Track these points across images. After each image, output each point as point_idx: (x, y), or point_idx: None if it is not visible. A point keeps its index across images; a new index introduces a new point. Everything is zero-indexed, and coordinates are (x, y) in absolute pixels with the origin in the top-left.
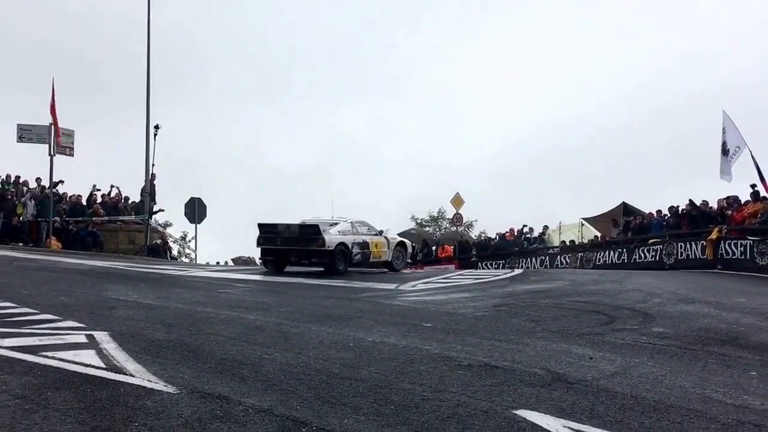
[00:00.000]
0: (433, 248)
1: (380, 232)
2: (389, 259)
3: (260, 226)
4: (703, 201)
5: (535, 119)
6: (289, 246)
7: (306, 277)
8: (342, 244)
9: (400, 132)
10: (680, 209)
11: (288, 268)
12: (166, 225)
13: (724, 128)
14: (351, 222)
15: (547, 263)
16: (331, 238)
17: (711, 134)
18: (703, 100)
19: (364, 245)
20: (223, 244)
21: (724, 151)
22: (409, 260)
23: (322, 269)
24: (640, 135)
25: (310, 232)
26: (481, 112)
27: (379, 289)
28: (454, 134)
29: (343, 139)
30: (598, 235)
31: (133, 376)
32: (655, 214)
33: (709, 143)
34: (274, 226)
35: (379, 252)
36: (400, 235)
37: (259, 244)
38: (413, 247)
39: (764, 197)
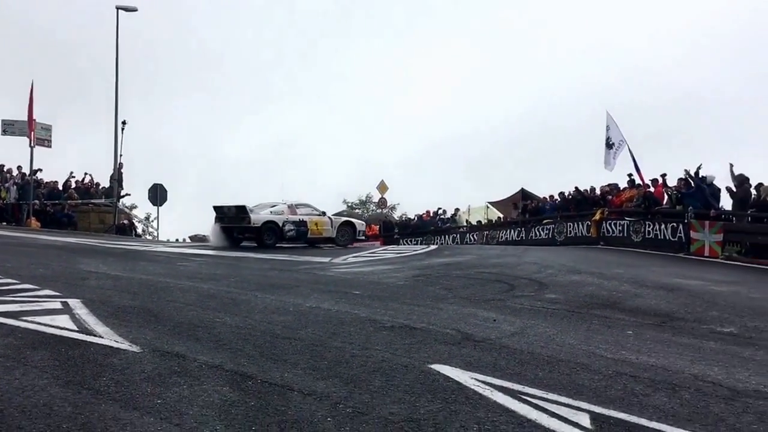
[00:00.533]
0: None
1: (323, 213)
2: (332, 236)
3: (214, 208)
4: (591, 187)
5: (450, 121)
6: (231, 224)
7: (253, 252)
8: (270, 222)
9: (335, 130)
10: (568, 194)
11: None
12: (132, 207)
13: (607, 126)
14: (288, 204)
15: (458, 240)
16: (258, 217)
17: (596, 131)
18: (589, 103)
19: (300, 223)
20: (181, 223)
21: (609, 145)
22: (362, 237)
23: (255, 244)
24: (536, 134)
25: (241, 212)
26: (404, 115)
27: (316, 262)
28: (381, 133)
29: (288, 135)
30: (501, 216)
31: (102, 338)
32: (548, 199)
33: (594, 139)
34: (221, 208)
35: (319, 230)
36: (334, 215)
37: (215, 221)
38: (364, 226)
39: (639, 185)
